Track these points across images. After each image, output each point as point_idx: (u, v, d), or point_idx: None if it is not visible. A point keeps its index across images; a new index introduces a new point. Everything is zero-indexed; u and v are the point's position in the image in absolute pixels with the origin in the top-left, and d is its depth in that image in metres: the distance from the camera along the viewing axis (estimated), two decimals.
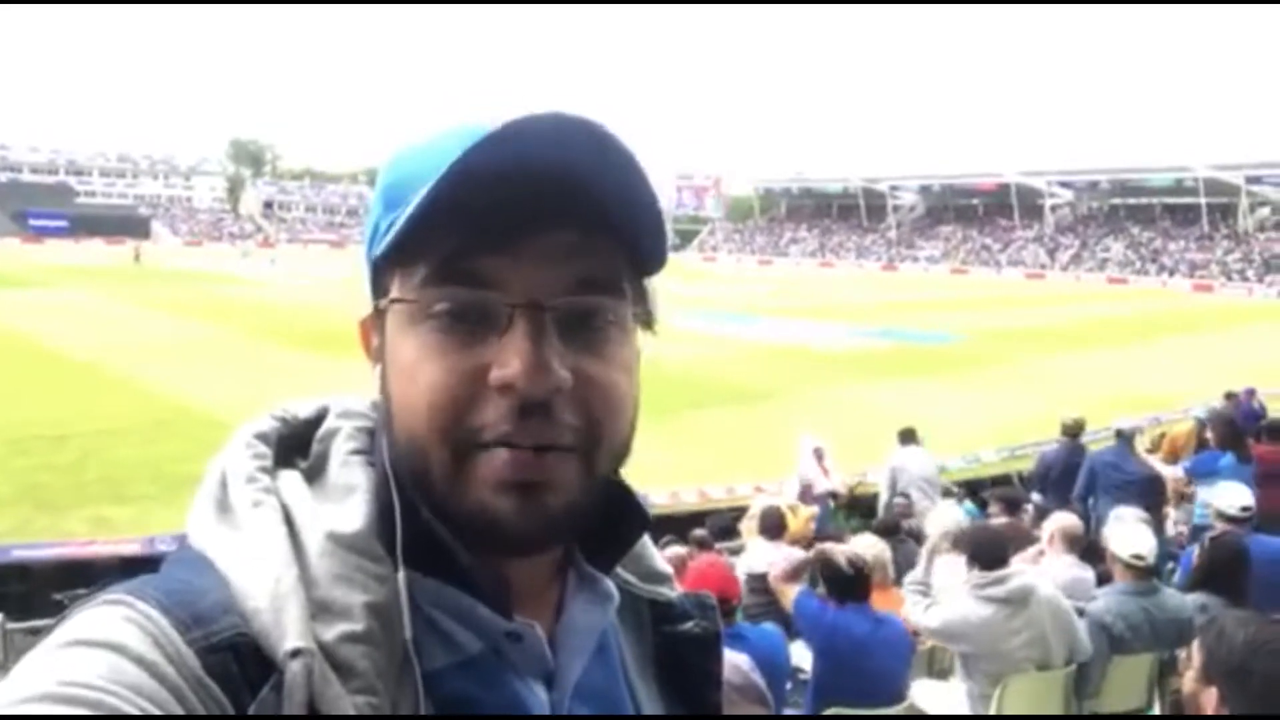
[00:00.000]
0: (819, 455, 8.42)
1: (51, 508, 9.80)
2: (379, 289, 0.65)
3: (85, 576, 7.22)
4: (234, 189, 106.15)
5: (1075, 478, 7.48)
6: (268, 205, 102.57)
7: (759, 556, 5.14)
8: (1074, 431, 8.47)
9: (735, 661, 3.14)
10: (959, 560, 4.90)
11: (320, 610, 0.56)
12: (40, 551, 8.35)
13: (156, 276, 40.90)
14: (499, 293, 0.59)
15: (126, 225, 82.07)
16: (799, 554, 5.81)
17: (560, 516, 0.61)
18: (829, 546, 4.23)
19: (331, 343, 17.12)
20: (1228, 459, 7.01)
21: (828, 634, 3.94)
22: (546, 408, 0.59)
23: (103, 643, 0.51)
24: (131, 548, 7.75)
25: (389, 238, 0.61)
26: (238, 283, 38.91)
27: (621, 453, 0.65)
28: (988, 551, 4.06)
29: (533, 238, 0.59)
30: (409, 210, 0.58)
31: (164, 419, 13.10)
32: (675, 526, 8.74)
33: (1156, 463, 7.94)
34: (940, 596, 4.21)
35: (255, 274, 44.39)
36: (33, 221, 77.66)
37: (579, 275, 0.61)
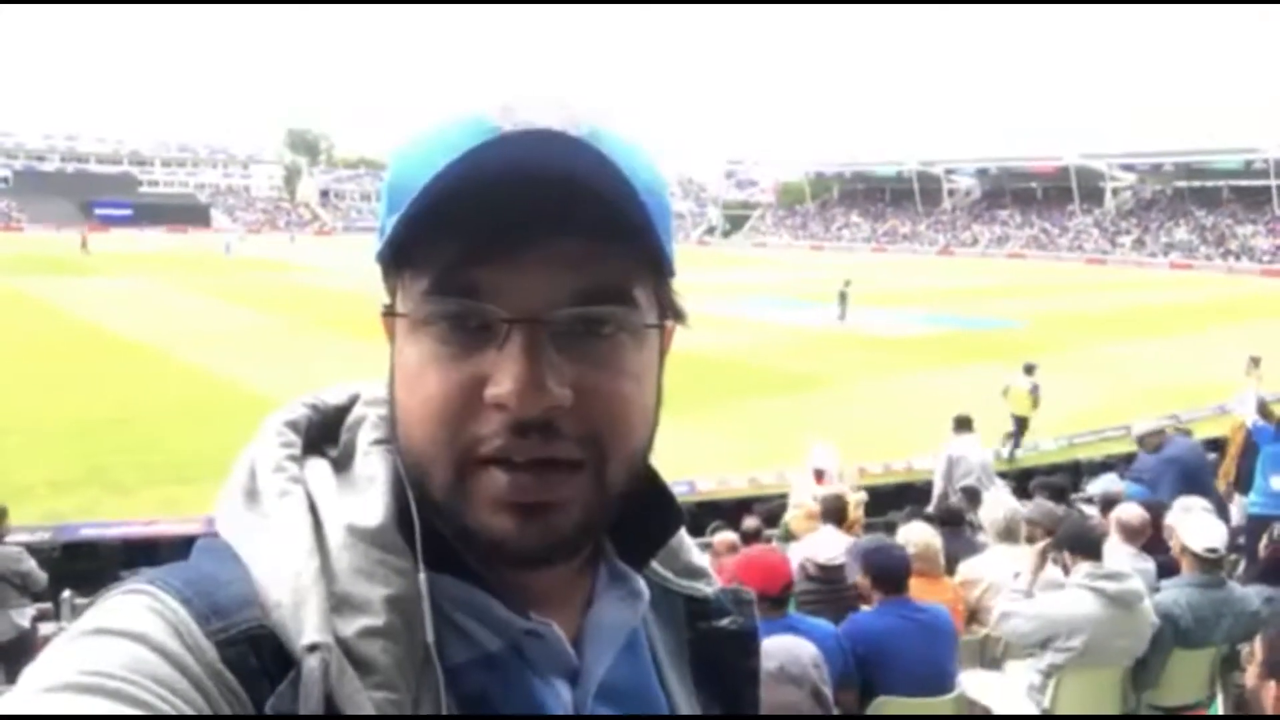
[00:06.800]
0: (818, 475, 8.13)
1: (119, 489, 10.13)
2: (388, 287, 0.63)
3: (149, 554, 7.44)
4: (291, 178, 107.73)
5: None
6: (324, 194, 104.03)
7: (829, 544, 4.95)
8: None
9: (797, 652, 3.07)
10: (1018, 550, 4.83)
11: (340, 604, 0.56)
12: (107, 530, 8.65)
13: (220, 265, 41.72)
14: (497, 305, 0.57)
15: (187, 214, 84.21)
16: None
17: (568, 536, 0.60)
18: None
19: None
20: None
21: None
22: (546, 424, 0.57)
23: (125, 632, 0.52)
24: (193, 527, 7.95)
25: (385, 241, 0.59)
26: (303, 270, 39.57)
27: (636, 463, 0.63)
28: (1089, 542, 4.05)
29: (534, 247, 0.57)
30: (398, 217, 0.56)
31: (225, 403, 13.39)
32: (724, 513, 8.74)
33: None
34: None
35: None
36: (98, 211, 79.74)
37: (583, 285, 0.58)
